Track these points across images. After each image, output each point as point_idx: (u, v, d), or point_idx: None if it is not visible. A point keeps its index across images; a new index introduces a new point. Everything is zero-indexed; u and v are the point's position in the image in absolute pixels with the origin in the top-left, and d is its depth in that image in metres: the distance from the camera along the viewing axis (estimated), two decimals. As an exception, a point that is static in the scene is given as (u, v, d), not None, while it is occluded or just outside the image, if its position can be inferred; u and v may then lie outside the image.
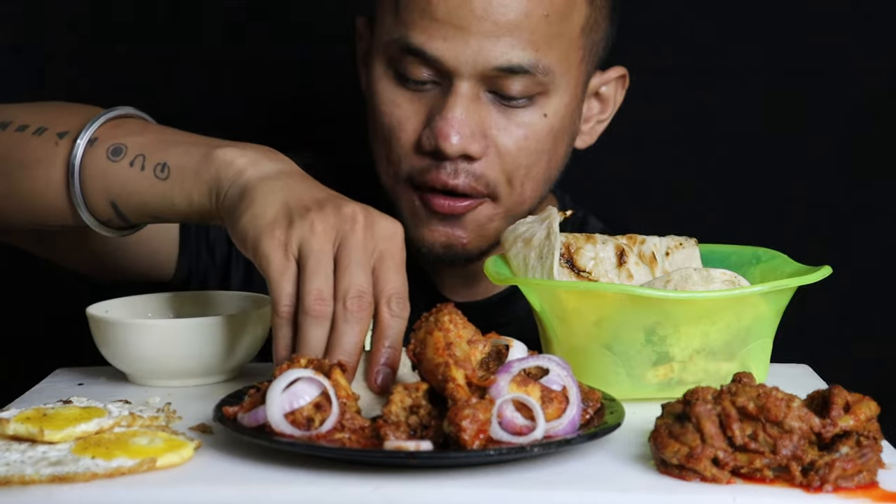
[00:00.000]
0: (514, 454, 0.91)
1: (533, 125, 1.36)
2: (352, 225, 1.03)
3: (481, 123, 1.34)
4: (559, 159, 1.42)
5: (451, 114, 1.32)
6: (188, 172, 1.14)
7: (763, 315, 1.10)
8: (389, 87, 1.37)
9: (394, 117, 1.37)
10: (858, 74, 1.81)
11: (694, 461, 0.90)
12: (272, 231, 1.03)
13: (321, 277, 1.01)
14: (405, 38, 1.33)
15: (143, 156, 1.17)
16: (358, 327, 1.01)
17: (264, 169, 1.10)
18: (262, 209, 1.05)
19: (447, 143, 1.32)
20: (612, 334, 1.09)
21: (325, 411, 0.95)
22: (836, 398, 0.92)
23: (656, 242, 1.24)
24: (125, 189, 1.18)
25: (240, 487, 0.91)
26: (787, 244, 1.26)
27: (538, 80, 1.34)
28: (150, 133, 1.19)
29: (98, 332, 1.19)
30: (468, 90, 1.33)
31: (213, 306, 1.28)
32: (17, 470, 0.91)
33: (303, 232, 1.02)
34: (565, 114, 1.39)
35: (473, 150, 1.34)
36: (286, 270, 1.02)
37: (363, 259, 1.02)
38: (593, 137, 1.50)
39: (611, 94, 1.48)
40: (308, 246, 1.02)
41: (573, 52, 1.37)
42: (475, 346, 0.97)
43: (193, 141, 1.17)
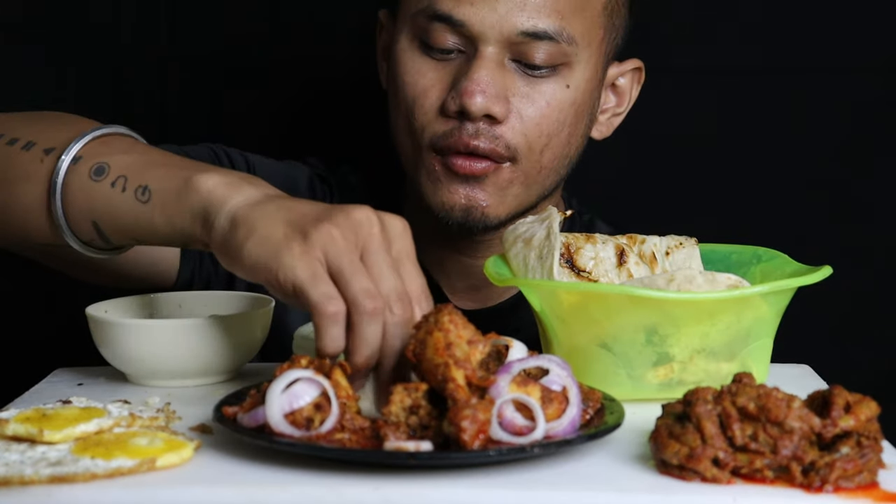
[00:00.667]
0: (514, 454, 0.91)
1: (555, 95, 1.38)
2: (368, 229, 1.01)
3: (505, 88, 1.36)
4: (578, 138, 1.43)
5: (476, 74, 1.34)
6: (169, 197, 1.11)
7: (763, 315, 1.10)
8: (415, 57, 1.39)
9: (418, 86, 1.39)
10: (858, 74, 1.81)
11: (694, 461, 0.90)
12: (289, 246, 1.00)
13: (364, 278, 0.99)
14: (433, 6, 1.36)
15: (125, 177, 1.14)
16: (403, 330, 0.99)
17: (249, 195, 1.07)
18: (267, 231, 1.02)
19: (472, 100, 1.34)
20: (612, 335, 1.09)
21: (324, 411, 0.95)
22: (837, 398, 0.92)
23: (656, 242, 1.24)
24: (106, 210, 1.16)
25: (239, 488, 0.91)
26: (787, 244, 1.26)
27: (562, 50, 1.36)
28: (135, 153, 1.17)
29: (97, 332, 1.19)
30: (493, 55, 1.36)
31: (213, 306, 1.28)
32: (16, 470, 0.91)
33: (323, 241, 0.99)
34: (586, 89, 1.41)
35: (497, 111, 1.35)
36: (319, 273, 0.99)
37: (390, 261, 1.01)
38: (610, 129, 1.51)
39: (627, 88, 1.51)
40: (335, 252, 0.99)
41: (595, 29, 1.40)
42: (475, 347, 0.97)
43: (177, 164, 1.14)
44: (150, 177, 1.13)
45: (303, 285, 0.98)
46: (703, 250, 1.25)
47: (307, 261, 0.99)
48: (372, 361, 0.99)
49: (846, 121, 1.82)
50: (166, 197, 1.11)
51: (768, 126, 1.83)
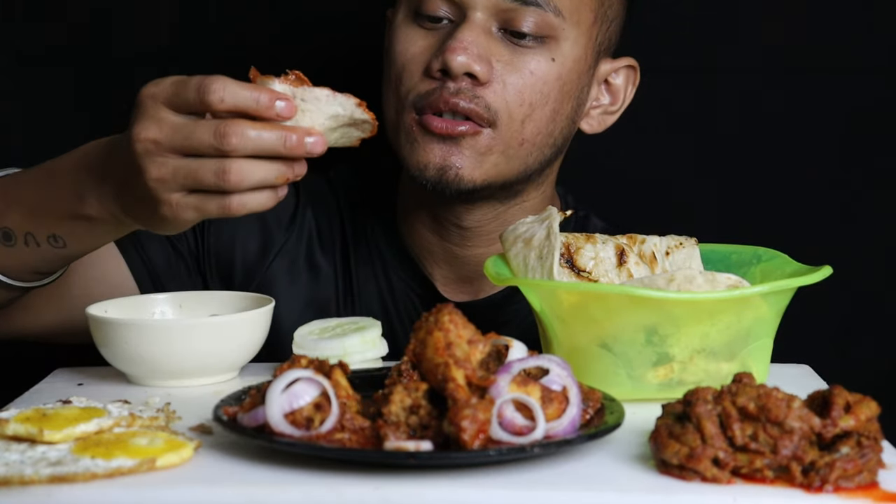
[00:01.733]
0: (514, 454, 0.91)
1: (540, 66, 1.38)
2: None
3: (490, 53, 1.37)
4: (564, 119, 1.42)
5: (461, 34, 1.35)
6: (81, 235, 1.21)
7: (763, 315, 1.10)
8: (408, 28, 1.41)
9: (408, 53, 1.40)
10: (858, 74, 1.81)
11: (694, 461, 0.90)
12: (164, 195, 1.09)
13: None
14: None
15: (30, 234, 1.22)
16: None
17: (112, 187, 1.15)
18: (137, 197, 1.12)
19: (453, 56, 1.34)
20: (612, 335, 1.09)
21: (324, 411, 0.95)
22: (837, 398, 0.92)
23: (656, 242, 1.24)
24: (38, 263, 1.25)
25: (239, 487, 0.91)
26: (787, 244, 1.26)
27: (549, 21, 1.37)
28: (14, 204, 1.23)
29: (98, 332, 1.19)
30: (481, 21, 1.36)
31: (213, 306, 1.28)
32: (16, 470, 0.91)
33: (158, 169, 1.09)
34: (573, 69, 1.41)
35: (478, 71, 1.35)
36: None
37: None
38: (601, 126, 1.50)
39: (621, 87, 1.50)
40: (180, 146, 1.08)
41: (584, 11, 1.40)
42: (475, 346, 0.97)
43: (55, 197, 1.20)
44: (49, 224, 1.21)
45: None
46: (703, 250, 1.25)
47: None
48: None
49: (846, 121, 1.82)
50: (76, 237, 1.21)
51: (768, 126, 1.83)
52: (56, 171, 1.22)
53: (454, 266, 1.48)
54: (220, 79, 1.07)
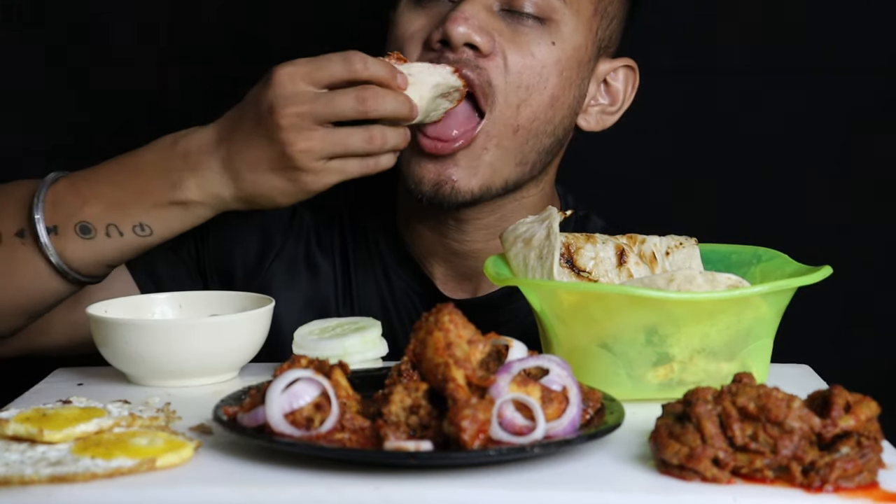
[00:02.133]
0: (514, 454, 0.91)
1: (540, 46, 1.37)
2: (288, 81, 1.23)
3: (491, 27, 1.36)
4: (564, 108, 1.41)
5: (463, 6, 1.35)
6: (173, 222, 1.29)
7: (763, 315, 1.10)
8: (408, 10, 1.40)
9: (407, 33, 1.39)
10: (858, 74, 1.81)
11: (694, 461, 0.90)
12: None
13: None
14: None
15: (113, 225, 1.28)
16: None
17: (218, 173, 1.27)
18: (254, 160, 1.25)
19: (454, 26, 1.33)
20: (612, 335, 1.09)
21: (325, 411, 0.95)
22: (837, 398, 0.92)
23: (656, 242, 1.24)
24: (117, 254, 1.31)
25: (240, 488, 0.91)
26: (787, 244, 1.26)
27: (550, 3, 1.37)
28: (90, 199, 1.29)
29: (98, 332, 1.19)
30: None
31: (213, 306, 1.28)
32: (16, 470, 0.91)
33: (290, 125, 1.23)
34: (573, 56, 1.40)
35: (480, 42, 1.34)
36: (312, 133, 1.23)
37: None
38: (598, 125, 1.49)
39: (620, 88, 1.49)
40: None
41: (585, 1, 1.40)
42: (475, 346, 0.97)
43: (139, 185, 1.28)
44: (133, 213, 1.27)
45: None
46: (703, 250, 1.25)
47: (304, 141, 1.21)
48: None
49: (846, 121, 1.82)
50: (165, 224, 1.29)
51: (768, 126, 1.83)
52: (139, 164, 1.29)
53: (453, 263, 1.48)
54: (357, 52, 1.23)
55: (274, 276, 1.50)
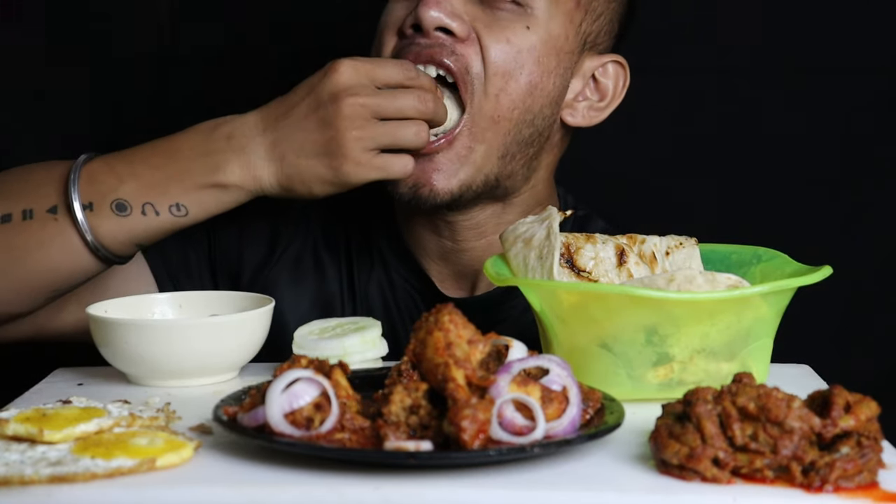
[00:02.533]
0: (514, 454, 0.91)
1: (516, 32, 1.37)
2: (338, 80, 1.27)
3: (465, 12, 1.36)
4: (543, 96, 1.40)
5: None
6: (210, 205, 1.30)
7: (763, 315, 1.10)
8: (390, 3, 1.41)
9: (386, 22, 1.40)
10: (858, 74, 1.81)
11: (694, 461, 0.90)
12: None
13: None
14: None
15: (150, 203, 1.29)
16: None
17: (259, 144, 1.30)
18: (303, 143, 1.28)
19: (425, 10, 1.34)
20: (612, 335, 1.09)
21: (325, 411, 0.95)
22: (837, 398, 0.92)
23: (656, 242, 1.24)
24: (148, 234, 1.31)
25: (239, 488, 0.91)
26: (787, 244, 1.26)
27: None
28: (126, 177, 1.29)
29: (98, 332, 1.19)
30: None
31: (213, 306, 1.28)
32: (16, 470, 0.91)
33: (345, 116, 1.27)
34: (550, 44, 1.39)
35: (454, 27, 1.35)
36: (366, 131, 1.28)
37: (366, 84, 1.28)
38: (587, 121, 1.47)
39: (609, 85, 1.48)
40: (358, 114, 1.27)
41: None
42: (475, 346, 0.97)
43: (181, 168, 1.29)
44: (171, 193, 1.29)
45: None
46: (703, 250, 1.25)
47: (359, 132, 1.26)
48: None
49: (846, 121, 1.82)
50: (202, 205, 1.30)
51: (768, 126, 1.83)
52: (178, 147, 1.31)
53: (449, 262, 1.49)
54: (410, 62, 1.32)
55: (281, 273, 1.50)
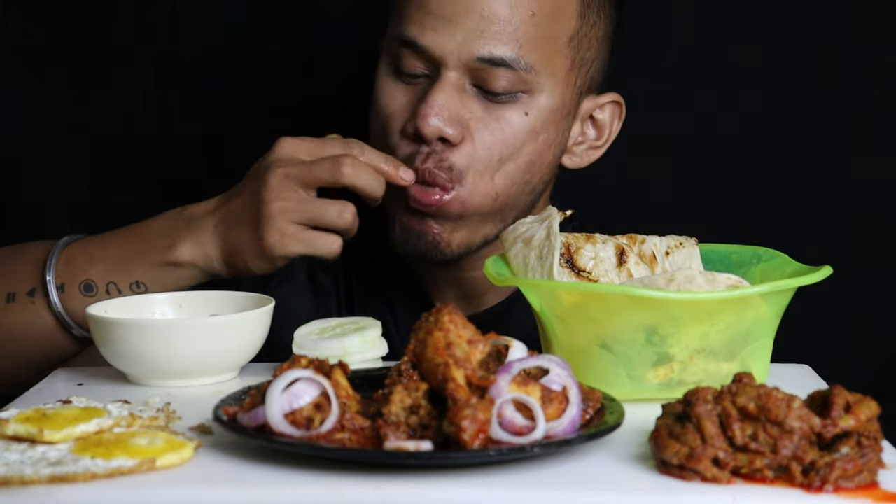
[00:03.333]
0: (514, 454, 0.91)
1: (511, 120, 1.39)
2: (290, 154, 1.34)
3: (462, 112, 1.38)
4: (542, 167, 1.43)
5: (432, 98, 1.36)
6: (164, 280, 1.37)
7: (763, 315, 1.10)
8: (389, 80, 1.42)
9: (389, 109, 1.42)
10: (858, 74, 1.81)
11: (694, 461, 0.90)
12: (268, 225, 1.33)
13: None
14: (403, 32, 1.39)
15: (113, 283, 1.38)
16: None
17: (208, 232, 1.37)
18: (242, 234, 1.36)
19: (424, 122, 1.36)
20: (612, 335, 1.08)
21: (325, 411, 0.95)
22: (837, 398, 0.92)
23: (656, 242, 1.24)
24: None
25: (240, 488, 0.91)
26: (787, 244, 1.26)
27: (521, 78, 1.37)
28: (97, 260, 1.39)
29: (97, 332, 1.19)
30: (454, 80, 1.37)
31: (213, 306, 1.28)
32: (16, 470, 0.91)
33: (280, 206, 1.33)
34: (549, 119, 1.41)
35: (450, 134, 1.36)
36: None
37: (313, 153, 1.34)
38: (585, 161, 1.51)
39: (606, 122, 1.51)
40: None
41: (559, 59, 1.40)
42: (475, 346, 0.97)
43: (138, 248, 1.38)
44: (132, 272, 1.38)
45: None
46: (703, 250, 1.25)
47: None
48: None
49: (846, 121, 1.82)
50: (159, 283, 1.37)
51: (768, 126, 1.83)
52: (147, 229, 1.40)
53: (452, 285, 1.50)
54: (357, 141, 1.36)
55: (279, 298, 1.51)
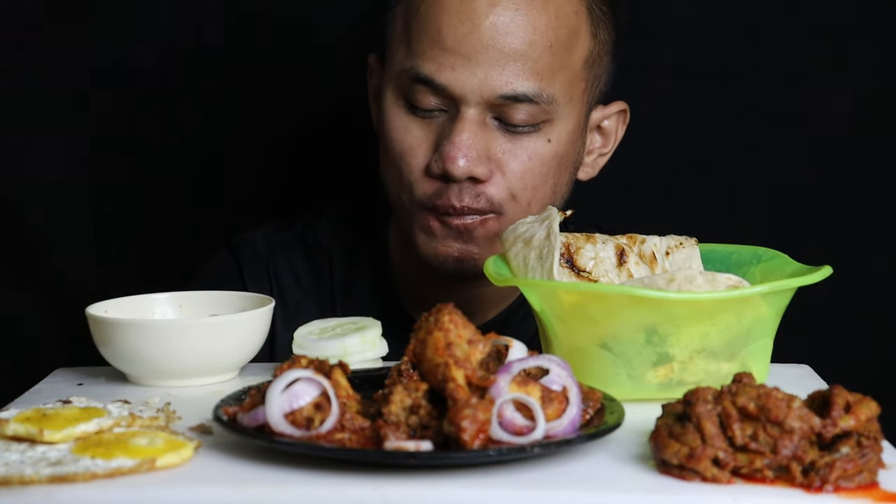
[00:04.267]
0: (514, 454, 0.91)
1: (537, 150, 1.39)
2: None
3: (487, 148, 1.38)
4: (563, 186, 1.45)
5: (458, 138, 1.36)
6: None
7: (763, 315, 1.10)
8: (400, 114, 1.41)
9: (405, 143, 1.41)
10: (858, 74, 1.81)
11: (694, 461, 0.90)
12: None
13: None
14: (416, 69, 1.37)
15: None
16: None
17: None
18: None
19: (454, 165, 1.36)
20: (612, 335, 1.09)
21: (325, 411, 0.95)
22: (837, 398, 0.92)
23: (656, 242, 1.24)
24: None
25: (239, 487, 0.91)
26: (787, 244, 1.26)
27: (542, 109, 1.38)
28: None
29: (98, 332, 1.19)
30: (475, 116, 1.37)
31: (213, 306, 1.28)
32: (16, 470, 0.91)
33: None
34: (569, 141, 1.42)
35: (479, 173, 1.37)
36: None
37: None
38: (595, 170, 1.53)
39: (612, 129, 1.52)
40: None
41: (576, 83, 1.41)
42: (475, 346, 0.97)
43: None
44: None
45: None
46: (703, 250, 1.25)
47: None
48: None
49: (846, 120, 1.82)
50: None
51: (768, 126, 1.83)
52: None
53: (459, 302, 1.50)
54: None
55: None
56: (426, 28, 1.37)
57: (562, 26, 1.37)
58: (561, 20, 1.37)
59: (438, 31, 1.35)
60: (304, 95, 1.84)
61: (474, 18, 1.34)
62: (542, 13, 1.36)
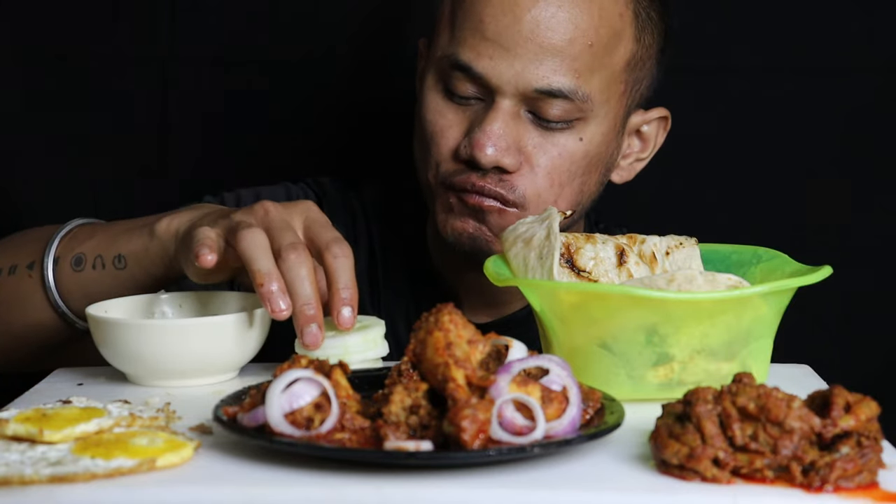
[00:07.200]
0: (514, 454, 0.91)
1: (568, 147, 1.40)
2: (264, 212, 1.18)
3: (518, 139, 1.38)
4: (592, 186, 1.46)
5: (489, 126, 1.37)
6: (140, 254, 1.29)
7: (763, 315, 1.10)
8: (437, 98, 1.42)
9: (437, 125, 1.42)
10: (858, 74, 1.81)
11: (694, 461, 0.90)
12: (202, 224, 1.19)
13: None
14: (455, 55, 1.39)
15: (100, 256, 1.33)
16: (303, 270, 1.13)
17: (191, 216, 1.26)
18: (194, 228, 1.20)
19: (482, 153, 1.36)
20: (612, 335, 1.08)
21: (325, 411, 0.95)
22: (837, 398, 0.92)
23: (656, 242, 1.24)
24: (98, 289, 1.31)
25: (240, 488, 0.91)
26: (787, 244, 1.26)
27: (577, 106, 1.38)
28: (98, 234, 1.34)
29: (98, 332, 1.19)
30: (509, 107, 1.38)
31: (213, 306, 1.28)
32: (16, 470, 0.91)
33: (229, 224, 1.17)
34: (602, 142, 1.42)
35: (507, 163, 1.37)
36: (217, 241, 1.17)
37: (287, 224, 1.16)
38: (631, 174, 1.54)
39: (652, 134, 1.52)
40: (239, 227, 1.16)
41: (615, 85, 1.41)
42: (475, 346, 0.97)
43: (138, 224, 1.31)
44: (119, 245, 1.32)
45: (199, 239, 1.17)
46: (703, 250, 1.25)
47: (215, 233, 1.17)
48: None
49: (846, 121, 1.82)
50: (137, 255, 1.29)
51: (768, 126, 1.83)
52: (147, 217, 1.34)
53: (482, 291, 1.51)
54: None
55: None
56: (469, 16, 1.38)
57: (604, 26, 1.38)
58: (604, 20, 1.38)
59: (481, 20, 1.37)
60: (311, 95, 1.84)
61: (517, 11, 1.35)
62: (585, 12, 1.36)
